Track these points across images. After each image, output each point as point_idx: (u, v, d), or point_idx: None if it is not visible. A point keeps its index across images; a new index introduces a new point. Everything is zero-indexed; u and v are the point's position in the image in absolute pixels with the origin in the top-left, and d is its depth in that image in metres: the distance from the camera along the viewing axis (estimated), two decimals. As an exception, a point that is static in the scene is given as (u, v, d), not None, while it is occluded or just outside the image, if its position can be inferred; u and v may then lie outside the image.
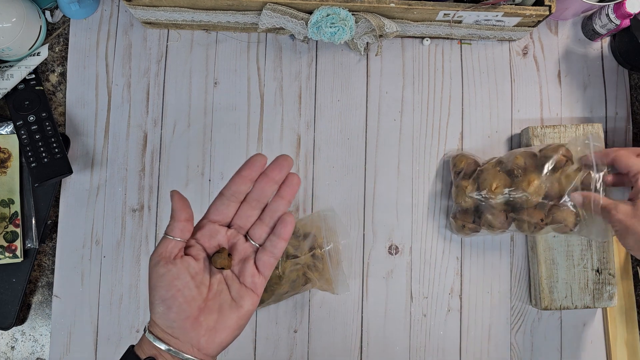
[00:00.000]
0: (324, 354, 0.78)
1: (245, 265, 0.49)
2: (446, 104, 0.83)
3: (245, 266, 0.49)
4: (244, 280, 0.48)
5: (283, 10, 0.73)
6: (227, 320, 0.47)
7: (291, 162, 0.49)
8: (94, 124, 0.81)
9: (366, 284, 0.79)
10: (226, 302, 0.47)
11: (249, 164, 0.49)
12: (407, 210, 0.81)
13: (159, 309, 0.46)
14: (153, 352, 0.46)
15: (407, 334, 0.79)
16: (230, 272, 0.49)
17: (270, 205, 0.50)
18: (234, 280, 0.48)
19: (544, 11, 0.74)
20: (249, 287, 0.48)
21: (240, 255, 0.49)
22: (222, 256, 0.47)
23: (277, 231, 0.49)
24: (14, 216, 0.76)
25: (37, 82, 0.79)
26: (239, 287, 0.48)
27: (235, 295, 0.48)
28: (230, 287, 0.48)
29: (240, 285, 0.48)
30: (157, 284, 0.46)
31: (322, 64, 0.83)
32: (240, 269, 0.49)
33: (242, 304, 0.47)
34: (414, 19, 0.77)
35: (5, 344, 0.78)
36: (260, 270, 0.49)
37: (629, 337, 0.79)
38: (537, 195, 0.70)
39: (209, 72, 0.82)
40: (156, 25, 0.82)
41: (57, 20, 0.83)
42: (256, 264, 0.49)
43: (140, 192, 0.80)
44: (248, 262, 0.49)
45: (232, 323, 0.47)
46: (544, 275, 0.76)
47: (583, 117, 0.84)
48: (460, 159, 0.77)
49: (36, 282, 0.79)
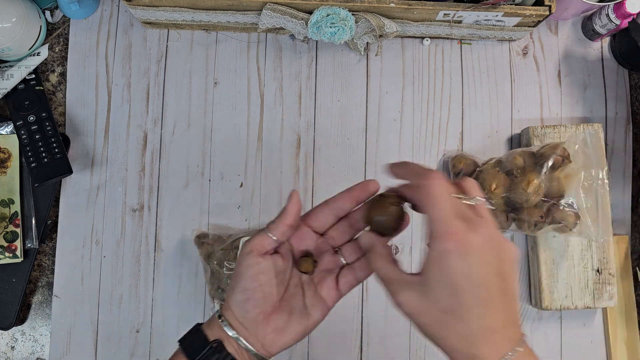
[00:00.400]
0: (324, 354, 0.78)
1: (326, 277, 0.49)
2: (446, 104, 0.83)
3: (326, 277, 0.49)
4: (320, 290, 0.48)
5: (283, 10, 0.73)
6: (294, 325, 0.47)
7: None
8: (94, 124, 0.81)
9: (366, 283, 0.79)
10: (298, 306, 0.47)
11: (362, 186, 0.49)
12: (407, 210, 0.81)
13: (238, 297, 0.46)
14: (221, 334, 0.46)
15: (407, 334, 0.79)
16: (308, 278, 0.49)
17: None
18: (310, 287, 0.48)
19: (544, 11, 0.74)
20: (323, 298, 0.48)
21: (324, 265, 0.49)
22: (308, 261, 0.47)
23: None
24: (14, 216, 0.76)
25: (37, 82, 0.79)
26: (314, 295, 0.48)
27: (308, 302, 0.48)
28: (305, 293, 0.48)
29: (315, 294, 0.48)
30: (243, 273, 0.46)
31: (322, 64, 0.83)
32: (320, 279, 0.49)
33: (312, 312, 0.47)
34: (414, 19, 0.77)
35: (5, 344, 0.78)
36: (339, 287, 0.48)
37: (629, 337, 0.79)
38: (537, 194, 0.70)
39: (209, 72, 0.82)
40: (156, 25, 0.82)
41: (57, 20, 0.83)
42: (338, 279, 0.49)
43: (140, 192, 0.80)
44: (330, 275, 0.49)
45: (299, 329, 0.47)
46: (544, 275, 0.76)
47: (583, 117, 0.84)
48: (459, 160, 0.77)
49: (36, 282, 0.79)
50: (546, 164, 0.70)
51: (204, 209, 0.80)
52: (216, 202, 0.80)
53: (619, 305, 0.79)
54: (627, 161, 0.83)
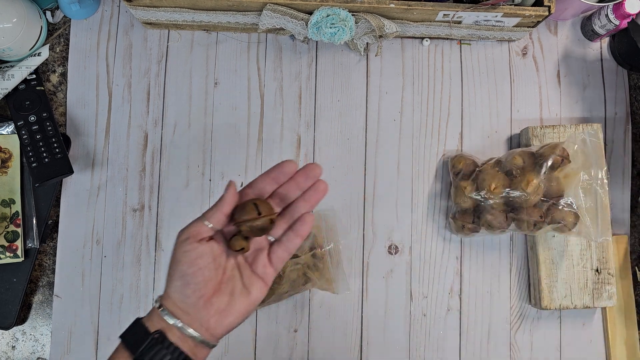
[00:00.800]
0: (324, 353, 0.78)
1: (259, 255, 0.50)
2: (446, 104, 0.83)
3: (258, 256, 0.50)
4: (255, 269, 0.50)
5: (283, 11, 0.73)
6: (236, 305, 0.48)
7: (320, 171, 0.51)
8: (94, 124, 0.81)
9: (366, 283, 0.79)
10: (237, 287, 0.49)
11: (278, 167, 0.51)
12: (407, 210, 0.81)
13: (176, 283, 0.47)
14: (162, 325, 0.47)
15: (407, 333, 0.79)
16: (243, 259, 0.50)
17: (293, 205, 0.51)
18: (245, 268, 0.50)
19: (544, 11, 0.74)
20: (260, 276, 0.50)
21: (255, 245, 0.51)
22: (239, 239, 0.49)
23: (295, 228, 0.50)
24: (14, 216, 0.76)
25: (37, 82, 0.79)
26: (250, 274, 0.50)
27: (247, 281, 0.49)
28: (243, 274, 0.50)
29: (252, 273, 0.50)
30: (181, 259, 0.47)
31: (322, 64, 0.83)
32: (253, 258, 0.50)
33: (252, 290, 0.49)
34: (413, 20, 0.77)
35: (6, 343, 0.78)
36: (272, 262, 0.50)
37: (628, 336, 0.79)
38: (536, 194, 0.70)
39: (209, 73, 0.83)
40: (157, 26, 0.82)
41: (58, 20, 0.83)
42: (270, 256, 0.51)
43: (140, 192, 0.80)
44: (262, 253, 0.51)
45: (241, 308, 0.48)
46: (543, 275, 0.76)
47: (582, 117, 0.84)
48: (459, 160, 0.77)
49: (37, 282, 0.79)
50: (545, 164, 0.71)
51: (204, 208, 0.79)
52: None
53: (618, 305, 0.79)
54: (626, 161, 0.83)
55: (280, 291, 0.72)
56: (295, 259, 0.71)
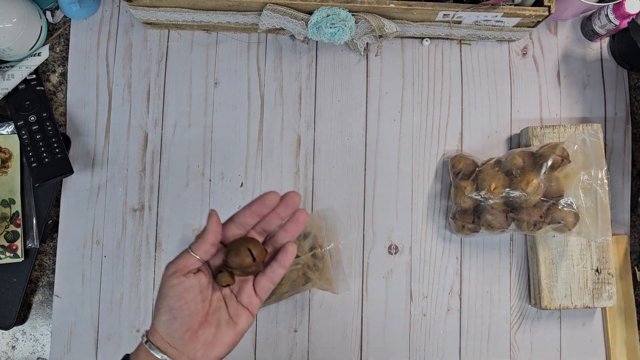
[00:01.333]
0: (324, 353, 0.78)
1: (244, 286, 0.51)
2: (446, 104, 0.83)
3: (244, 286, 0.51)
4: (241, 299, 0.50)
5: (283, 11, 0.73)
6: (223, 336, 0.49)
7: (298, 199, 0.51)
8: (94, 124, 0.81)
9: (366, 283, 0.79)
10: (224, 318, 0.49)
11: (260, 201, 0.51)
12: (407, 210, 0.81)
13: (163, 317, 0.47)
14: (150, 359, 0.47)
15: (407, 333, 0.79)
16: (229, 291, 0.51)
17: (275, 236, 0.52)
18: (231, 299, 0.50)
19: (543, 12, 0.74)
20: (245, 306, 0.50)
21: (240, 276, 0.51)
22: (225, 275, 0.49)
23: (278, 258, 0.50)
24: (14, 216, 0.76)
25: (37, 82, 0.79)
26: (236, 305, 0.50)
27: (233, 313, 0.50)
28: (228, 305, 0.50)
29: (238, 304, 0.50)
30: (167, 293, 0.47)
31: (322, 64, 0.83)
32: (238, 289, 0.51)
33: (238, 321, 0.49)
34: (413, 20, 0.77)
35: (6, 343, 0.78)
36: (257, 293, 0.51)
37: (628, 336, 0.79)
38: (536, 194, 0.70)
39: (209, 73, 0.83)
40: (157, 26, 0.82)
41: (58, 20, 0.83)
42: (254, 286, 0.51)
43: (140, 192, 0.80)
44: (247, 283, 0.51)
45: (228, 339, 0.49)
46: (543, 275, 0.76)
47: (582, 117, 0.84)
48: (459, 160, 0.77)
49: (37, 282, 0.79)
50: (545, 164, 0.71)
51: (204, 208, 0.80)
52: (216, 202, 0.80)
53: (618, 305, 0.79)
54: (626, 161, 0.83)
55: (280, 291, 0.72)
56: (296, 259, 0.71)
